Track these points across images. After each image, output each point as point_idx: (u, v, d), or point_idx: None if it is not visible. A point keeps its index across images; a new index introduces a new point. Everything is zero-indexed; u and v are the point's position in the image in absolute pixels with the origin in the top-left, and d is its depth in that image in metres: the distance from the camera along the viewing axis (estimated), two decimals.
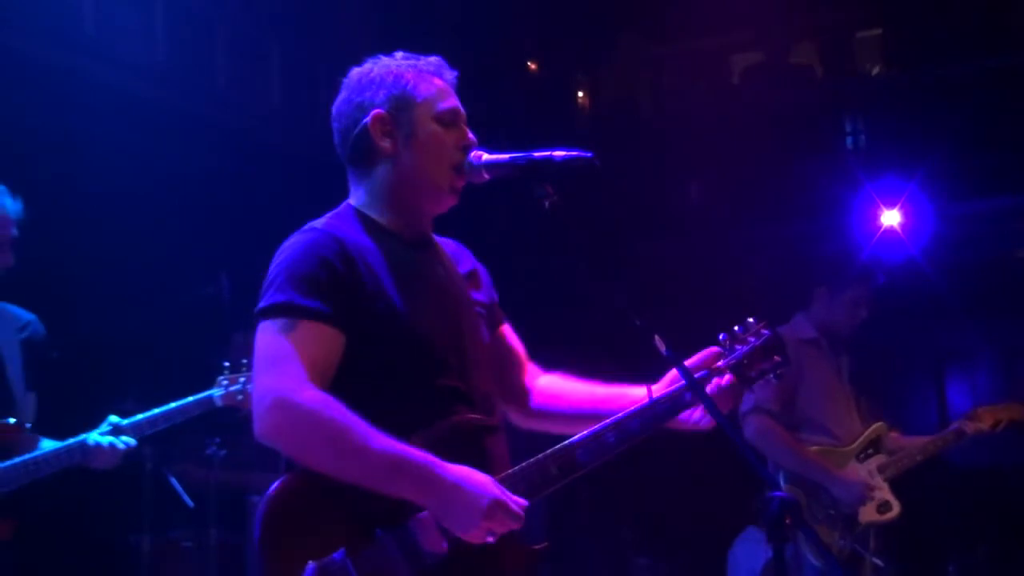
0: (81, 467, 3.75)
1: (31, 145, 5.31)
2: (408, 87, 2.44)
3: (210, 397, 3.94)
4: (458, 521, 2.18)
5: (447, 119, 2.45)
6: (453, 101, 2.48)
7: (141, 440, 5.08)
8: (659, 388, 2.51)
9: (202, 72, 6.72)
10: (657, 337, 2.18)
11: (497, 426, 2.46)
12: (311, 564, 2.14)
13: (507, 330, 2.71)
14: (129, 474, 5.14)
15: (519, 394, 2.68)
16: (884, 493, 4.52)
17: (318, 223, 2.42)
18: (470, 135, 2.47)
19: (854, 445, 4.58)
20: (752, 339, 2.62)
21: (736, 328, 2.64)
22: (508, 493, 2.23)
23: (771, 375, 2.62)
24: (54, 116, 5.51)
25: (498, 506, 2.19)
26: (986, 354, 7.74)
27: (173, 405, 3.86)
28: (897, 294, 6.91)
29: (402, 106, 2.43)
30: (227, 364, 3.99)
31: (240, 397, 3.94)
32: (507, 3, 8.00)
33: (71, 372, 5.34)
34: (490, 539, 2.21)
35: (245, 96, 7.00)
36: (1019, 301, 7.26)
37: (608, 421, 2.43)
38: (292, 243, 2.36)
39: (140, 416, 3.79)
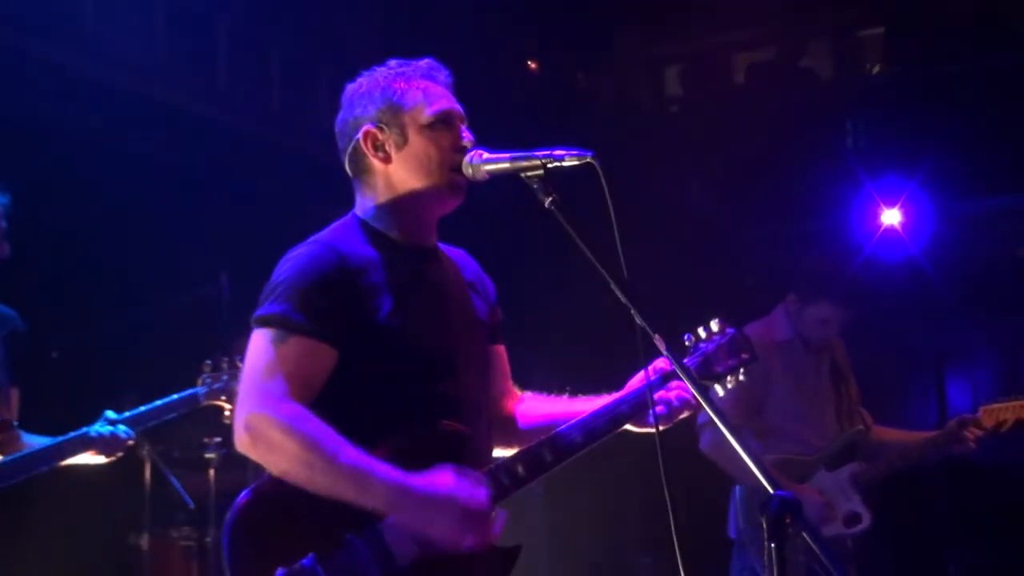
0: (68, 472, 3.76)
1: (31, 145, 5.31)
2: (395, 97, 2.45)
3: (195, 395, 3.97)
4: (431, 532, 2.20)
5: (439, 122, 2.45)
6: (444, 103, 2.48)
7: (140, 440, 5.11)
8: (655, 367, 2.54)
9: (202, 72, 6.71)
10: (657, 336, 2.19)
11: (480, 434, 2.46)
12: (280, 571, 2.14)
13: (500, 350, 2.72)
14: (129, 474, 5.15)
15: (497, 414, 2.69)
16: (854, 504, 4.28)
17: (322, 235, 2.43)
18: (466, 134, 2.47)
19: (823, 453, 4.36)
20: (717, 337, 2.67)
21: (700, 328, 2.67)
22: (473, 492, 2.23)
23: (739, 371, 2.65)
24: (54, 116, 5.51)
25: (468, 514, 2.20)
26: (986, 353, 7.73)
27: (159, 403, 3.90)
28: (897, 294, 6.93)
29: (391, 117, 2.44)
30: (209, 362, 4.01)
31: (224, 396, 3.97)
32: (507, 3, 8.00)
33: (71, 372, 5.36)
34: (468, 544, 2.21)
35: (245, 96, 7.00)
36: (1019, 300, 7.26)
37: (576, 421, 2.47)
38: (295, 255, 2.38)
39: (128, 413, 3.82)
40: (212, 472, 5.22)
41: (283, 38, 7.26)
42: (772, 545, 1.88)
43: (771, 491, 1.92)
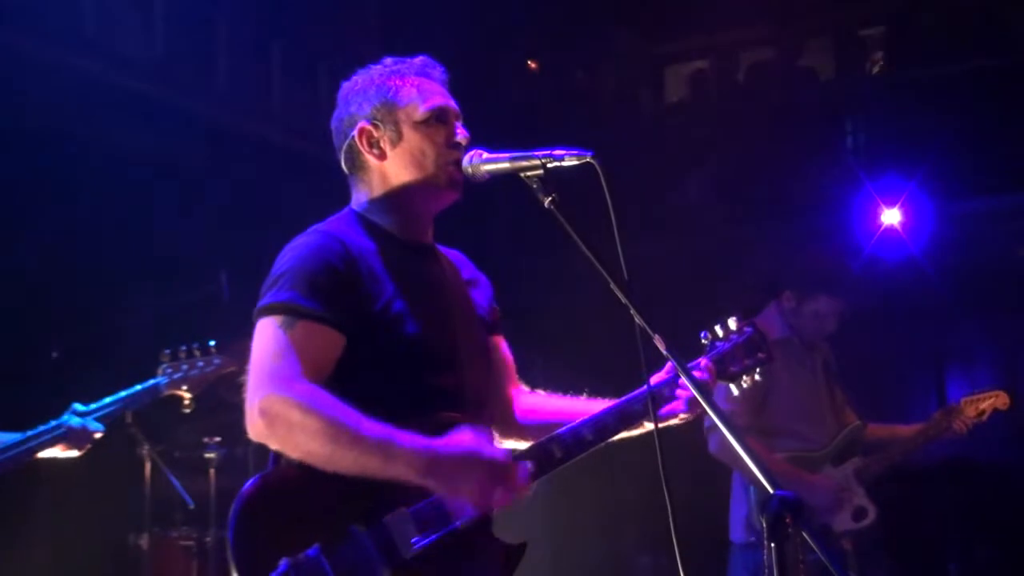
0: (69, 466, 3.75)
1: (31, 144, 5.31)
2: (390, 94, 2.48)
3: (156, 385, 3.97)
4: (462, 492, 2.21)
5: (433, 118, 2.47)
6: (438, 99, 2.49)
7: (141, 439, 5.11)
8: (657, 378, 2.56)
9: (202, 71, 6.71)
10: (657, 336, 2.19)
11: (483, 425, 2.46)
12: (284, 560, 2.14)
13: (502, 343, 2.72)
14: (129, 474, 5.16)
15: (503, 407, 2.69)
16: (859, 498, 4.38)
17: (322, 226, 2.44)
18: (460, 130, 2.48)
19: (829, 449, 4.44)
20: (735, 336, 2.68)
21: (717, 326, 2.67)
22: (494, 448, 2.25)
23: (755, 371, 2.66)
24: (54, 115, 5.51)
25: (495, 469, 2.21)
26: (986, 353, 7.73)
27: (123, 394, 3.90)
28: (897, 294, 6.93)
29: (386, 114, 2.47)
30: (168, 351, 4.02)
31: (184, 386, 3.97)
32: (507, 3, 8.00)
33: (70, 372, 5.35)
34: (500, 500, 2.21)
35: (245, 96, 6.99)
36: (1019, 300, 7.26)
37: (587, 419, 2.49)
38: (297, 244, 2.39)
39: (94, 405, 3.81)
40: (212, 472, 5.22)
41: (283, 38, 7.25)
42: (772, 545, 1.88)
43: (771, 491, 1.92)
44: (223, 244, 5.76)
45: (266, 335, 2.27)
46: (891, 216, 7.00)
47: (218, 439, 5.22)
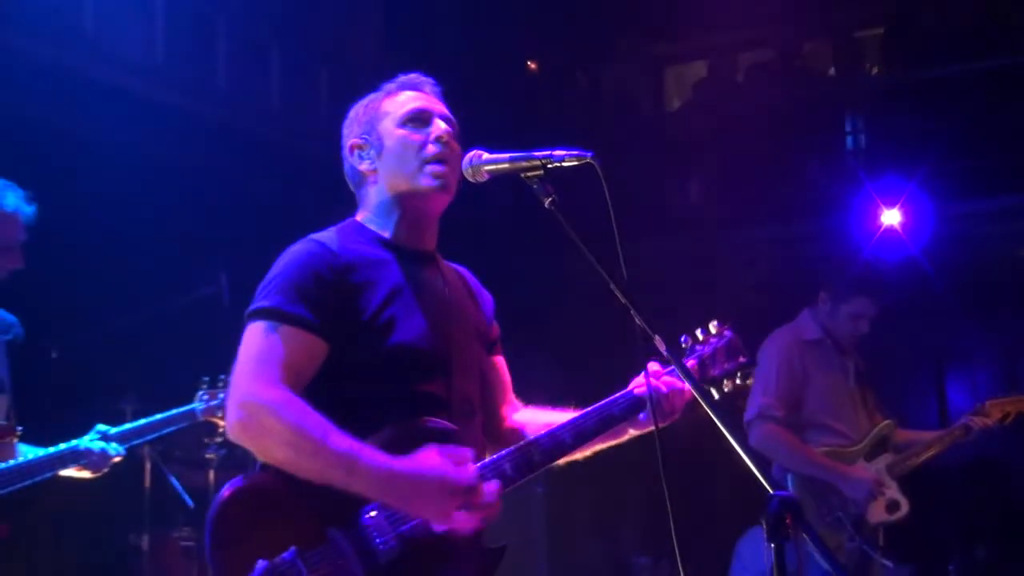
0: (65, 476, 3.75)
1: (31, 145, 5.30)
2: (375, 108, 2.54)
3: (192, 411, 4.01)
4: (422, 513, 2.21)
5: (414, 120, 2.50)
6: (421, 103, 2.53)
7: (140, 441, 5.11)
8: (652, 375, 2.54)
9: (202, 72, 6.72)
10: (657, 337, 2.19)
11: (471, 435, 2.46)
12: (261, 562, 2.15)
13: (500, 361, 2.73)
14: (129, 474, 5.16)
15: (495, 422, 2.70)
16: (893, 492, 4.49)
17: (318, 234, 2.47)
18: (442, 127, 2.50)
19: (862, 444, 4.55)
20: (714, 340, 2.69)
21: (699, 331, 2.68)
22: (459, 469, 2.24)
23: (736, 375, 2.66)
24: (54, 116, 5.51)
25: (456, 491, 2.21)
26: (986, 353, 7.73)
27: (158, 417, 3.92)
28: (897, 294, 6.93)
29: (372, 127, 2.53)
30: (206, 379, 4.05)
31: (220, 413, 4.00)
32: (507, 3, 8.00)
33: (71, 372, 5.35)
34: (462, 522, 2.21)
35: (245, 96, 7.00)
36: (1019, 300, 7.27)
37: (566, 422, 2.49)
38: (289, 253, 2.42)
39: (127, 426, 3.83)
40: (212, 472, 5.23)
41: (283, 38, 7.26)
42: (772, 545, 1.88)
43: (770, 491, 1.92)
44: (223, 244, 5.77)
45: (250, 339, 2.31)
46: (891, 216, 7.01)
47: (218, 439, 5.22)
